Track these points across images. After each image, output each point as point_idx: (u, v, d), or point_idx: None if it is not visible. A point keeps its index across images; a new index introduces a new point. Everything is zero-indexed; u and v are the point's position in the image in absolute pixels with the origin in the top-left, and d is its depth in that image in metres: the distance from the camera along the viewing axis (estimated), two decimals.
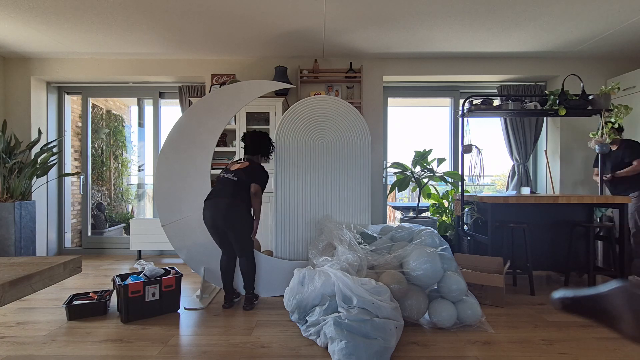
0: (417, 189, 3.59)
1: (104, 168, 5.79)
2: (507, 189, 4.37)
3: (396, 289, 2.15)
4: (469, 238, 3.39)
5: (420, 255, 2.27)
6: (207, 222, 2.55)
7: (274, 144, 2.83)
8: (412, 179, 3.55)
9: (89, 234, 4.66)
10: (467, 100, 3.27)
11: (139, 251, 4.29)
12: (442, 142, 4.66)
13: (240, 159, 2.76)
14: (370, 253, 2.42)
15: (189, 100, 4.13)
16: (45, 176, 4.02)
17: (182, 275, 2.60)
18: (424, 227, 2.63)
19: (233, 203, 2.49)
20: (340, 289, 2.03)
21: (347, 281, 2.02)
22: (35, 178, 3.79)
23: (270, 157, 2.81)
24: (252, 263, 2.61)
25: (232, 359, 1.87)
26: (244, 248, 2.57)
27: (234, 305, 2.65)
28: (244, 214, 2.54)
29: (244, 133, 2.79)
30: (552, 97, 3.15)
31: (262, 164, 2.72)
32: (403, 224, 2.81)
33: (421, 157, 3.50)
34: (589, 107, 3.20)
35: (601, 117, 3.20)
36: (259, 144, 2.72)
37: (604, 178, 3.33)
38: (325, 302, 2.09)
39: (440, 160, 3.57)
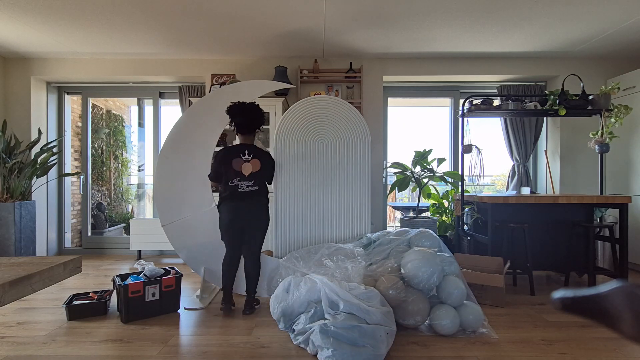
0: (417, 189, 3.59)
1: (104, 168, 5.79)
2: (507, 189, 4.37)
3: (393, 294, 2.09)
4: (469, 238, 3.39)
5: (419, 258, 2.20)
6: (226, 215, 2.46)
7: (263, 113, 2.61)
8: (412, 179, 3.55)
9: (89, 234, 4.66)
10: (467, 100, 3.27)
11: (139, 251, 4.29)
12: (442, 142, 4.66)
13: (242, 149, 2.50)
14: (366, 258, 2.39)
15: (189, 100, 4.13)
16: (45, 176, 4.02)
17: (182, 275, 2.60)
18: (423, 230, 2.61)
19: (258, 204, 2.52)
20: (326, 294, 1.95)
21: (333, 286, 1.95)
22: (35, 178, 3.79)
23: (262, 128, 2.64)
24: (259, 266, 2.59)
25: (232, 359, 1.87)
26: (258, 249, 2.56)
27: (232, 311, 2.52)
28: (266, 211, 2.56)
29: (231, 107, 2.49)
30: (552, 97, 3.15)
31: (264, 149, 2.63)
32: (402, 228, 2.81)
33: (421, 157, 3.50)
34: (589, 107, 3.20)
35: (601, 117, 3.20)
36: (255, 117, 2.51)
37: None
38: (311, 309, 2.02)
39: (440, 160, 3.57)
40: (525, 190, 3.60)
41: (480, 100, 3.26)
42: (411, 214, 3.82)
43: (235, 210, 2.46)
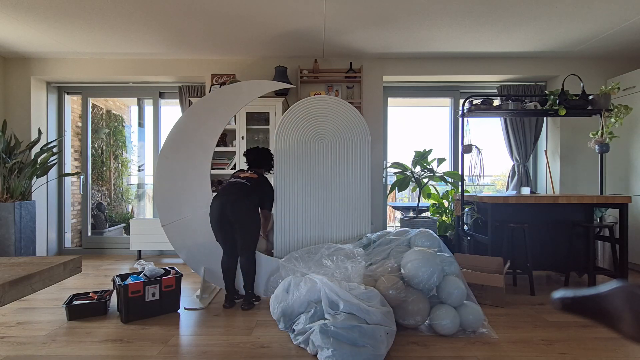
0: (417, 189, 3.59)
1: (104, 168, 5.79)
2: (507, 189, 4.37)
3: (393, 294, 2.09)
4: (469, 238, 3.39)
5: (419, 258, 2.20)
6: (213, 213, 2.57)
7: (273, 159, 2.96)
8: (412, 179, 3.55)
9: (89, 234, 4.66)
10: (467, 100, 3.27)
11: (139, 251, 4.29)
12: (442, 142, 4.66)
13: (246, 170, 2.87)
14: (366, 258, 2.39)
15: (189, 100, 4.13)
16: (45, 176, 4.02)
17: (182, 275, 2.60)
18: (423, 230, 2.61)
19: (245, 199, 2.57)
20: (326, 294, 1.95)
21: (333, 286, 1.96)
22: (35, 178, 3.79)
23: (271, 171, 2.94)
24: (252, 262, 2.61)
25: (232, 359, 1.87)
26: (247, 245, 2.59)
27: (235, 305, 2.65)
28: (252, 210, 2.61)
29: (248, 149, 2.92)
30: (552, 97, 3.15)
31: (266, 177, 2.85)
32: (402, 228, 2.80)
33: (421, 157, 3.50)
34: (589, 107, 3.20)
35: (601, 117, 3.20)
36: (262, 159, 2.87)
37: None
38: (311, 309, 2.03)
39: (440, 160, 3.57)
40: (525, 190, 3.60)
41: (480, 100, 3.26)
42: (411, 214, 3.82)
43: (222, 203, 2.55)
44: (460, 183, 3.32)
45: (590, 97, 3.18)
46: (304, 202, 2.90)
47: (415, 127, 5.38)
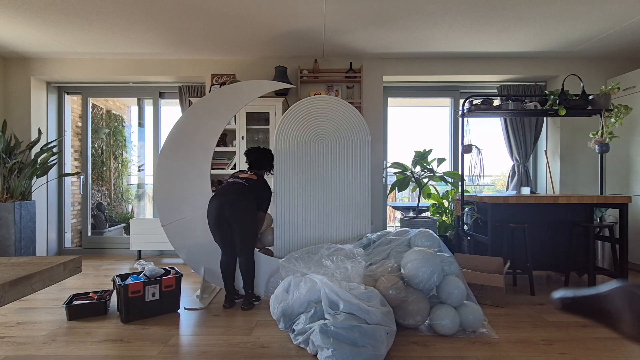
0: (417, 189, 3.59)
1: (104, 168, 5.79)
2: (507, 189, 4.37)
3: (393, 294, 2.09)
4: (469, 238, 3.39)
5: (419, 258, 2.20)
6: (211, 213, 2.56)
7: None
8: (412, 179, 3.54)
9: (89, 234, 4.66)
10: (467, 100, 3.27)
11: (139, 251, 4.29)
12: (442, 142, 4.66)
13: (246, 170, 2.85)
14: (366, 258, 2.39)
15: (189, 100, 4.13)
16: (45, 176, 4.02)
17: (182, 275, 2.60)
18: (423, 230, 2.61)
19: (243, 199, 2.56)
20: (326, 294, 1.96)
21: (333, 286, 1.96)
22: (35, 178, 3.79)
23: (272, 172, 2.92)
24: (251, 263, 2.61)
25: (232, 359, 1.87)
26: (245, 246, 2.58)
27: (235, 305, 2.65)
28: (251, 210, 2.59)
29: (248, 149, 2.90)
30: (552, 97, 3.15)
31: (265, 179, 2.84)
32: (402, 228, 2.80)
33: (421, 157, 3.50)
34: (589, 107, 3.20)
35: (601, 117, 3.20)
36: (263, 159, 2.85)
37: None
38: (311, 309, 2.03)
39: (440, 160, 3.57)
40: (525, 190, 3.60)
41: (480, 100, 3.26)
42: (411, 214, 3.82)
43: (220, 203, 2.54)
44: (460, 183, 3.32)
45: (590, 97, 3.18)
46: (304, 202, 2.90)
47: (415, 127, 5.38)
